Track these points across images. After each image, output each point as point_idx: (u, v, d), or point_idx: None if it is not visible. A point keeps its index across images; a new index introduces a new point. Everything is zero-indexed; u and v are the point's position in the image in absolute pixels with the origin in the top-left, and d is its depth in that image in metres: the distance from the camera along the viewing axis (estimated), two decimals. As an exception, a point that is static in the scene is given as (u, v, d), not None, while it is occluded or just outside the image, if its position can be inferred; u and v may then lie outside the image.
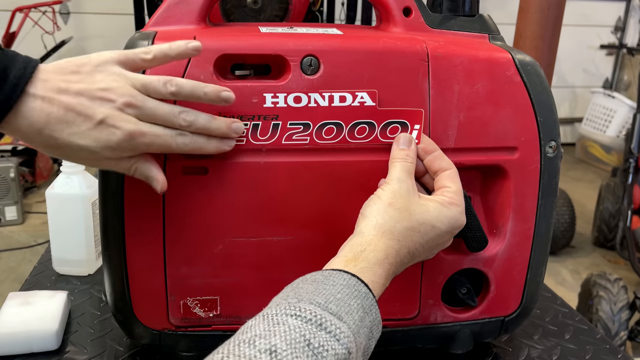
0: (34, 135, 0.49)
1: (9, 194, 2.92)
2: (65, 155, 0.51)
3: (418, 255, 0.56)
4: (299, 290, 0.46)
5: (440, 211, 0.55)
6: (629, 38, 4.49)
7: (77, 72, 0.50)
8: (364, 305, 0.47)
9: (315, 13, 2.00)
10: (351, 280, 0.48)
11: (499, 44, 0.65)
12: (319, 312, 0.43)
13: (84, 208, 0.87)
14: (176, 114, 0.52)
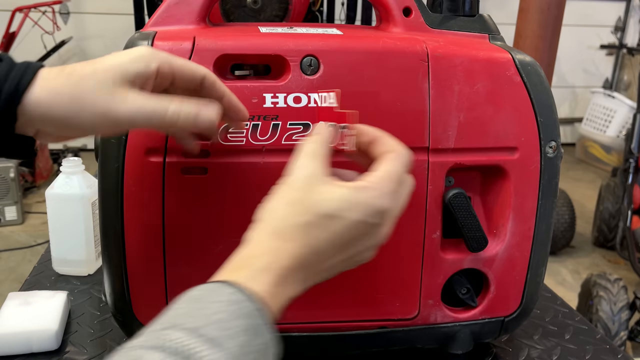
0: (53, 101, 0.47)
1: (8, 194, 2.92)
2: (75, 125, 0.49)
3: (331, 254, 0.47)
4: (173, 312, 0.39)
5: (349, 198, 0.46)
6: (629, 38, 4.49)
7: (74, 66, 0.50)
8: (251, 325, 0.39)
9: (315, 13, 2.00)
10: (235, 295, 0.40)
11: (499, 44, 0.65)
12: (188, 340, 0.36)
13: (84, 208, 0.87)
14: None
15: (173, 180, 0.58)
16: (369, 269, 0.63)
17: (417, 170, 0.61)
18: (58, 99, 0.47)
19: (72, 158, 0.90)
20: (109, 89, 0.48)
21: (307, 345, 0.66)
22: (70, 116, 0.48)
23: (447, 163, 0.61)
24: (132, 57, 0.49)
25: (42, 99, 0.47)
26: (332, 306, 0.64)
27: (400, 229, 0.62)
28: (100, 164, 0.59)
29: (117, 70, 0.48)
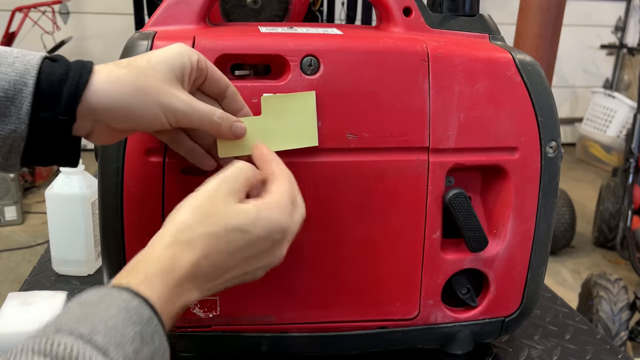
0: (109, 91, 0.48)
1: (8, 194, 2.92)
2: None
3: (228, 268, 0.46)
4: (64, 316, 0.38)
5: (258, 214, 0.47)
6: (629, 38, 4.49)
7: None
8: (142, 333, 0.38)
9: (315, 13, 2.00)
10: (132, 302, 0.39)
11: (499, 44, 0.65)
12: (77, 346, 0.35)
13: (84, 208, 0.87)
14: None
15: (173, 180, 0.58)
16: (369, 268, 0.63)
17: (417, 170, 0.61)
18: (124, 89, 0.47)
19: (72, 158, 0.90)
20: (167, 80, 0.49)
21: (307, 345, 0.66)
22: (135, 106, 0.48)
23: (447, 163, 0.61)
24: (175, 52, 0.50)
25: (107, 91, 0.47)
26: (332, 306, 0.64)
27: (401, 229, 0.62)
28: (100, 164, 0.59)
29: (169, 64, 0.50)
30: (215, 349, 0.65)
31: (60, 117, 0.46)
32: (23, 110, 0.45)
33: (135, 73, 0.48)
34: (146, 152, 0.57)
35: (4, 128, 0.46)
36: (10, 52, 0.46)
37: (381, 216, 0.61)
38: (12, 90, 0.45)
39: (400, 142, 0.60)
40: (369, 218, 0.61)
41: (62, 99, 0.46)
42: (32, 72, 0.45)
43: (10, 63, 0.45)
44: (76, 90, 0.46)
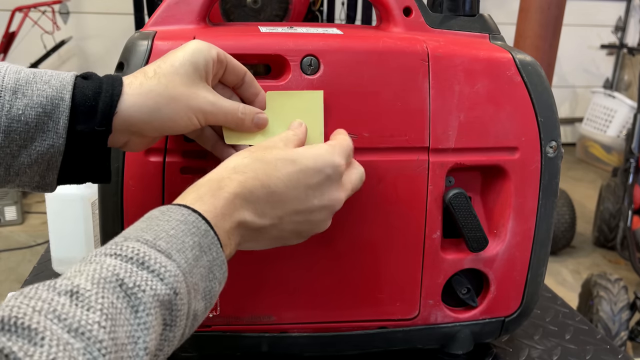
0: (141, 106, 0.50)
1: (8, 194, 2.92)
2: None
3: (286, 198, 0.49)
4: (130, 229, 0.42)
5: (305, 150, 0.51)
6: (629, 38, 4.49)
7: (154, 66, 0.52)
8: (201, 243, 0.42)
9: (315, 13, 2.00)
10: (190, 216, 0.43)
11: (499, 44, 0.65)
12: (143, 249, 0.39)
13: (84, 208, 0.87)
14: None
15: (173, 180, 0.58)
16: (369, 268, 0.63)
17: (418, 170, 0.61)
18: (157, 100, 0.49)
19: (72, 158, 0.90)
20: (193, 82, 0.51)
21: (307, 345, 0.65)
22: (169, 115, 0.50)
23: (447, 163, 0.61)
24: (195, 50, 0.51)
25: (141, 104, 0.49)
26: (332, 306, 0.64)
27: (401, 229, 0.62)
28: (100, 163, 0.58)
29: (192, 64, 0.51)
30: (215, 349, 0.65)
31: (97, 128, 0.48)
32: (61, 125, 0.47)
33: (164, 83, 0.50)
34: (146, 152, 0.57)
35: (43, 143, 0.47)
36: (44, 72, 0.48)
37: (381, 216, 0.61)
38: (50, 105, 0.46)
39: (400, 142, 0.60)
40: (369, 218, 0.61)
41: (98, 110, 0.48)
42: (67, 88, 0.47)
43: (46, 81, 0.47)
44: (111, 101, 0.48)
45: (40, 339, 0.30)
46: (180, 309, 0.39)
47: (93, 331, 0.33)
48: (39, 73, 0.48)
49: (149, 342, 0.36)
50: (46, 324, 0.31)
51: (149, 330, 0.36)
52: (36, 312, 0.32)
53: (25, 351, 0.29)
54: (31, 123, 0.46)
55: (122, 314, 0.35)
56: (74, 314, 0.33)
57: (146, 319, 0.36)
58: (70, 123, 0.47)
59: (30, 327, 0.30)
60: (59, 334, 0.31)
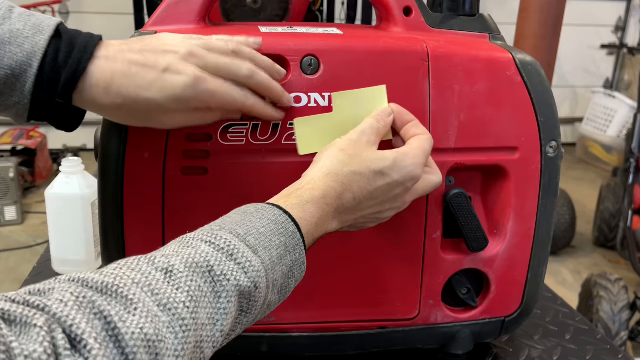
0: (101, 96, 0.49)
1: (8, 194, 2.92)
2: (135, 116, 0.52)
3: (365, 205, 0.53)
4: (227, 219, 0.47)
5: (395, 160, 0.54)
6: (629, 38, 4.49)
7: (140, 40, 0.52)
8: (287, 243, 0.46)
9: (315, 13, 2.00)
10: (281, 217, 0.47)
11: (499, 44, 0.65)
12: (234, 242, 0.43)
13: (84, 208, 0.87)
14: (238, 64, 0.52)
15: (173, 180, 0.58)
16: (369, 269, 0.63)
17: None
18: (124, 97, 0.50)
19: (71, 158, 0.90)
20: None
21: (307, 345, 0.65)
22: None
23: (447, 163, 0.61)
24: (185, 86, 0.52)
25: (100, 97, 0.50)
26: (333, 306, 0.64)
27: (401, 229, 0.62)
28: (100, 164, 0.58)
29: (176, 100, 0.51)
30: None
31: (57, 99, 0.49)
32: (26, 88, 0.48)
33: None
34: (146, 153, 0.57)
35: (10, 99, 0.49)
36: (22, 30, 0.48)
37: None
38: (19, 69, 0.48)
39: (400, 142, 0.60)
40: (369, 218, 0.61)
41: (59, 84, 0.49)
42: (38, 55, 0.48)
43: (20, 44, 0.48)
44: (73, 77, 0.49)
45: (134, 308, 0.35)
46: (257, 300, 0.44)
47: (178, 309, 0.37)
48: (17, 33, 0.48)
49: (226, 326, 0.41)
50: (141, 296, 0.36)
51: (227, 315, 0.41)
52: (134, 284, 0.37)
53: (120, 316, 0.34)
54: (0, 81, 0.48)
55: (206, 298, 0.40)
56: (165, 290, 0.38)
57: (226, 305, 0.41)
58: (35, 88, 0.48)
59: (127, 297, 0.35)
60: (150, 306, 0.36)
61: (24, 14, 0.49)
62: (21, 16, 0.49)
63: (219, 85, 0.51)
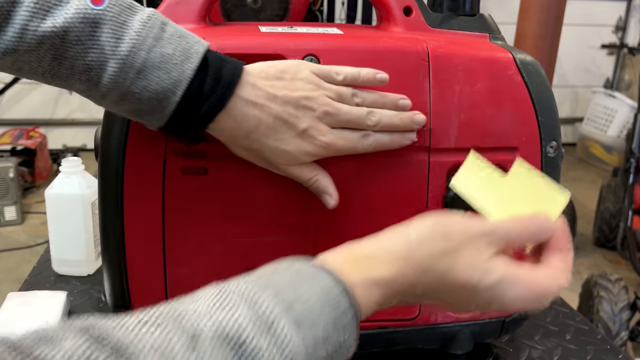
0: (240, 139, 0.53)
1: (8, 194, 2.92)
2: (264, 158, 0.55)
3: (426, 299, 0.46)
4: (275, 276, 0.40)
5: (501, 281, 0.42)
6: (630, 38, 4.49)
7: (280, 78, 0.53)
8: (336, 320, 0.39)
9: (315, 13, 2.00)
10: (335, 289, 0.39)
11: (499, 44, 0.65)
12: (277, 310, 0.37)
13: (84, 208, 0.87)
14: (364, 116, 0.55)
15: (173, 180, 0.58)
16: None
17: (418, 170, 0.61)
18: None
19: (71, 158, 0.90)
20: None
21: (307, 345, 0.65)
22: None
23: (447, 163, 0.61)
24: None
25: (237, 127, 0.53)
26: (333, 306, 0.64)
27: (401, 229, 0.62)
28: (100, 164, 0.58)
29: None
30: (215, 349, 0.65)
31: (192, 131, 0.52)
32: (166, 113, 0.50)
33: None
34: (146, 152, 0.57)
35: (148, 117, 0.51)
36: (172, 55, 0.49)
37: (381, 216, 0.61)
38: (162, 95, 0.49)
39: (400, 141, 0.60)
40: (368, 217, 0.61)
41: (198, 114, 0.51)
42: (183, 85, 0.49)
43: (168, 70, 0.49)
44: (213, 112, 0.51)
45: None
46: None
47: None
48: (168, 59, 0.49)
49: None
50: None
51: None
52: (152, 351, 0.32)
53: None
54: (143, 102, 0.50)
55: None
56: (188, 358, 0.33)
57: None
58: (173, 113, 0.50)
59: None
60: None
61: (175, 35, 0.50)
62: (172, 37, 0.50)
63: (346, 141, 0.55)
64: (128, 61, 0.48)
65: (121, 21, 0.48)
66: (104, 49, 0.48)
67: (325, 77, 0.55)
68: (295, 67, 0.54)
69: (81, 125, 3.90)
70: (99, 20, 0.47)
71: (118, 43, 0.48)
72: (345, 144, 0.55)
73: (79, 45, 0.47)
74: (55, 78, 0.50)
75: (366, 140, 0.56)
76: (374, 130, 0.56)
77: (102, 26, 0.47)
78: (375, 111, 0.56)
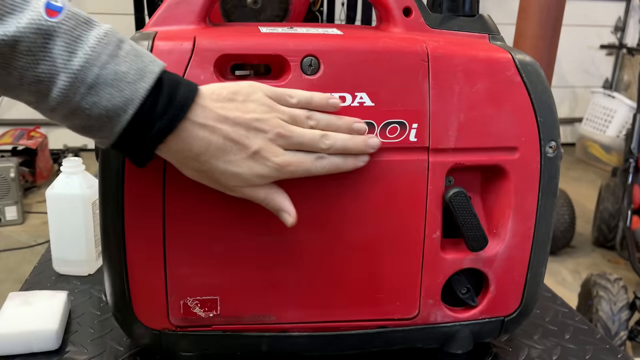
0: (190, 160, 0.53)
1: (9, 194, 2.92)
2: (215, 180, 0.55)
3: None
4: None
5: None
6: (629, 38, 4.49)
7: (232, 99, 0.53)
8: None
9: (315, 13, 2.00)
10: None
11: (499, 44, 0.65)
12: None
13: (84, 208, 0.87)
14: (318, 139, 0.55)
15: (173, 180, 0.58)
16: (369, 268, 0.63)
17: (417, 170, 0.61)
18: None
19: (72, 158, 0.90)
20: None
21: (307, 345, 0.66)
22: None
23: (447, 163, 0.61)
24: None
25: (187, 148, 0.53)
26: (332, 306, 0.64)
27: (401, 229, 0.62)
28: (100, 164, 0.59)
29: None
30: (216, 349, 0.65)
31: (142, 150, 0.52)
32: (115, 130, 0.50)
33: None
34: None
35: (97, 133, 0.51)
36: (126, 73, 0.49)
37: (381, 216, 0.61)
38: (113, 112, 0.49)
39: (400, 141, 0.60)
40: (369, 218, 0.61)
41: (149, 135, 0.50)
42: (135, 103, 0.49)
43: (121, 88, 0.48)
44: (164, 133, 0.51)
45: None
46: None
47: None
48: (122, 76, 0.49)
49: None
50: None
51: None
52: None
53: None
54: (93, 118, 0.49)
55: None
56: None
57: None
58: (123, 132, 0.50)
59: None
60: None
61: (131, 53, 0.50)
62: (128, 55, 0.49)
63: (300, 163, 0.55)
64: (80, 76, 0.47)
65: (75, 35, 0.47)
66: (55, 61, 0.47)
67: (278, 99, 0.55)
68: (248, 89, 0.54)
69: (81, 126, 3.89)
70: (52, 32, 0.46)
71: (71, 57, 0.47)
72: (298, 166, 0.55)
73: (30, 56, 0.46)
74: (2, 88, 0.48)
75: (320, 162, 0.56)
76: (328, 153, 0.56)
77: (55, 39, 0.46)
78: (329, 134, 0.56)
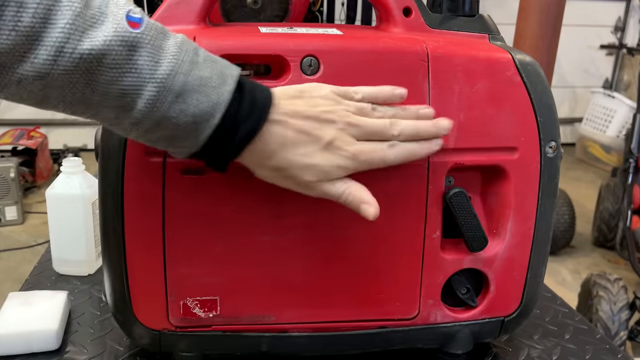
0: (266, 160, 0.53)
1: (9, 194, 2.92)
2: (291, 178, 0.54)
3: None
4: None
5: None
6: (629, 38, 4.49)
7: (299, 97, 0.54)
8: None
9: (315, 13, 2.00)
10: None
11: (499, 44, 0.65)
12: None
13: (84, 208, 0.88)
14: (388, 126, 0.55)
15: (173, 180, 0.58)
16: (369, 268, 0.63)
17: (417, 170, 0.61)
18: None
19: (72, 158, 0.90)
20: None
21: (307, 345, 0.66)
22: None
23: (447, 163, 0.61)
24: None
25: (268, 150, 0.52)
26: (332, 306, 0.64)
27: (401, 229, 0.62)
28: (100, 164, 0.59)
29: None
30: (215, 349, 0.65)
31: (226, 156, 0.52)
32: (202, 137, 0.49)
33: None
34: (146, 152, 0.57)
35: (181, 143, 0.50)
36: (210, 78, 0.49)
37: (381, 216, 0.61)
38: (200, 118, 0.49)
39: (400, 142, 0.60)
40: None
41: (234, 139, 0.50)
42: (222, 107, 0.49)
43: (207, 93, 0.48)
44: (250, 135, 0.51)
45: None
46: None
47: None
48: (207, 81, 0.48)
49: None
50: None
51: None
52: None
53: None
54: (180, 127, 0.48)
55: None
56: None
57: None
58: (209, 138, 0.50)
59: None
60: None
61: (208, 59, 0.50)
62: (206, 61, 0.49)
63: (373, 151, 0.55)
64: (166, 85, 0.46)
65: (157, 45, 0.47)
66: (141, 72, 0.46)
67: (344, 95, 0.55)
68: (314, 86, 0.55)
69: (82, 126, 3.90)
70: (136, 43, 0.45)
71: (156, 67, 0.46)
72: (373, 155, 0.55)
73: (116, 69, 0.45)
74: (82, 105, 0.46)
75: (393, 150, 0.55)
76: (399, 140, 0.56)
77: (139, 50, 0.45)
78: (398, 121, 0.56)
